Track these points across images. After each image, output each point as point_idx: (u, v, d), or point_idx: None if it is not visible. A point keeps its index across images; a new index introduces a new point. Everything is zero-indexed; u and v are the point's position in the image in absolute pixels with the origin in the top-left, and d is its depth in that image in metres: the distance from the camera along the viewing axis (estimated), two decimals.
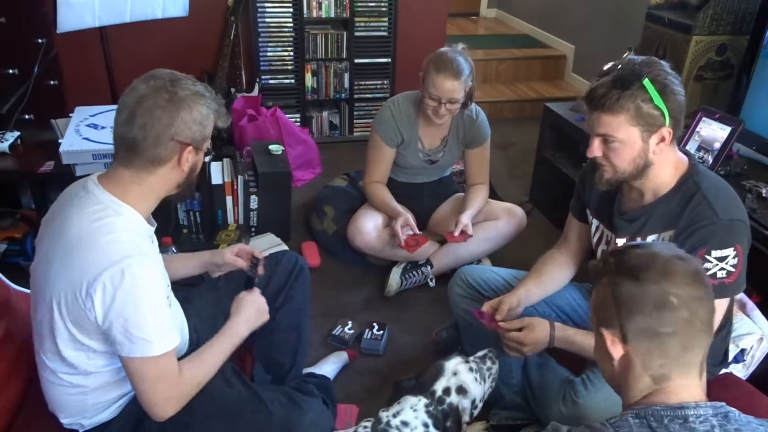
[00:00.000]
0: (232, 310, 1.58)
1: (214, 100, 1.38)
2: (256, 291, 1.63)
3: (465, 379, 1.52)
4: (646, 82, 1.39)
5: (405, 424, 1.45)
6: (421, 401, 1.48)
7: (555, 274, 1.83)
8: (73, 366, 1.35)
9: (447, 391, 1.49)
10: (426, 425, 1.45)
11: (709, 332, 1.03)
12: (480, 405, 1.57)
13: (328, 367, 2.09)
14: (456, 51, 2.33)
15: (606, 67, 1.47)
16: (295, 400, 1.55)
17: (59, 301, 1.28)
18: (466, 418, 1.50)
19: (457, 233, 2.37)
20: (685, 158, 1.55)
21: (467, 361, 1.56)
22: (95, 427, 1.44)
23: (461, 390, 1.50)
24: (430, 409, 1.47)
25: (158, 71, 1.35)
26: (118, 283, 1.23)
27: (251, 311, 1.58)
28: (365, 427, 1.48)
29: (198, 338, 1.57)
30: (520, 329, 1.62)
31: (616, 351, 1.04)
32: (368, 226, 2.52)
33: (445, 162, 2.62)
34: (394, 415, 1.46)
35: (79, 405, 1.41)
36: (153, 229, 1.42)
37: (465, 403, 1.50)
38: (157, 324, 1.29)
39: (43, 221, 1.41)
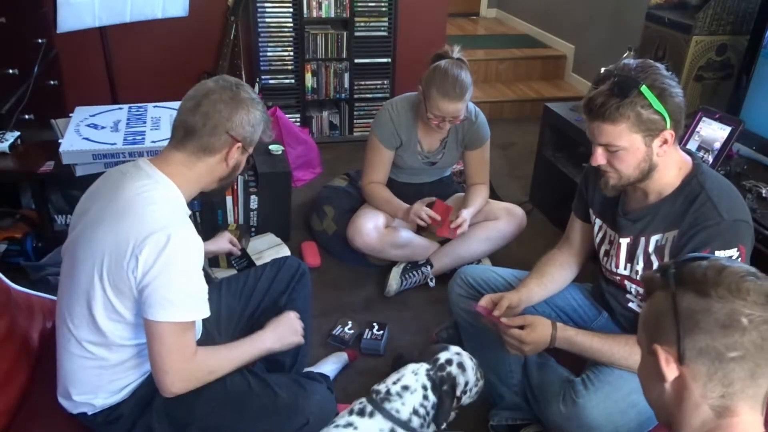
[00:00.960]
0: (267, 324, 1.66)
1: (267, 116, 1.53)
2: (295, 314, 1.72)
3: (465, 361, 1.60)
4: (644, 88, 1.39)
5: (405, 388, 1.50)
6: (422, 366, 1.55)
7: (557, 275, 1.82)
8: (101, 335, 1.39)
9: (449, 361, 1.57)
10: (425, 388, 1.51)
11: None
12: (470, 394, 1.61)
13: (328, 367, 2.09)
14: (456, 65, 2.28)
15: (601, 75, 1.46)
16: (301, 384, 1.58)
17: (102, 263, 1.34)
18: (457, 393, 1.57)
19: (453, 225, 2.35)
20: (688, 158, 1.56)
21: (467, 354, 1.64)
22: (105, 408, 1.46)
23: (461, 366, 1.58)
24: (431, 373, 1.54)
25: (226, 76, 1.50)
26: (162, 246, 1.31)
27: (284, 329, 1.66)
28: (361, 402, 1.50)
29: (206, 333, 1.61)
30: (521, 327, 1.62)
31: (671, 372, 0.91)
32: (368, 227, 2.52)
33: (444, 163, 2.61)
34: (395, 383, 1.52)
35: (96, 380, 1.44)
36: (189, 213, 1.49)
37: (461, 379, 1.57)
38: (190, 291, 1.36)
39: (83, 199, 1.50)
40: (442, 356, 1.58)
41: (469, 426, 1.88)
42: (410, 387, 1.50)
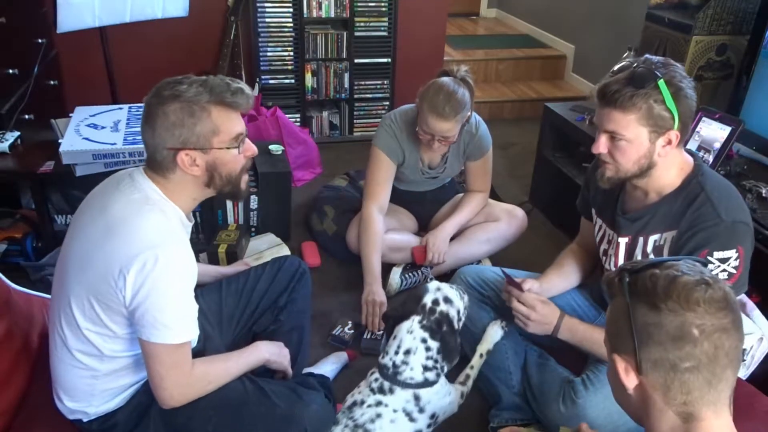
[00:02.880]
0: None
1: (205, 92, 1.34)
2: (287, 350, 1.74)
3: (448, 292, 1.66)
4: (661, 83, 1.39)
5: (408, 352, 1.59)
6: (414, 320, 1.61)
7: (577, 266, 1.87)
8: (91, 345, 1.38)
9: (436, 302, 1.63)
10: (424, 340, 1.59)
11: (736, 366, 0.92)
12: (463, 317, 1.70)
13: (328, 367, 2.09)
14: (456, 81, 2.20)
15: (621, 64, 1.47)
16: (299, 393, 1.57)
17: (91, 279, 1.32)
18: (455, 326, 1.64)
19: (427, 261, 2.45)
20: (690, 159, 1.56)
21: (451, 285, 1.71)
22: (100, 416, 1.46)
23: (447, 300, 1.64)
24: (424, 323, 1.60)
25: (162, 81, 1.38)
26: (152, 266, 1.27)
27: (277, 348, 1.70)
28: (377, 379, 1.61)
29: (205, 333, 1.61)
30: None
31: (630, 381, 0.94)
32: None
33: (446, 176, 2.60)
34: (396, 352, 1.60)
35: (88, 389, 1.43)
36: (190, 225, 1.47)
37: (452, 312, 1.64)
38: (181, 312, 1.35)
39: (82, 204, 1.46)
40: (428, 300, 1.63)
41: (470, 428, 1.88)
42: (411, 349, 1.58)
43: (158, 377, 1.36)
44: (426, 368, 1.59)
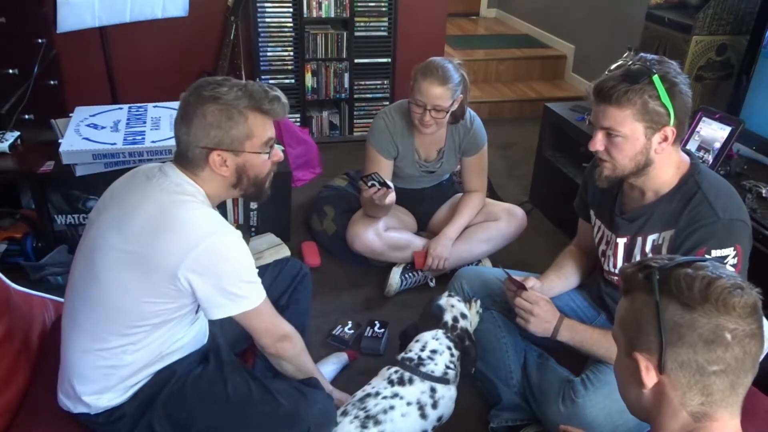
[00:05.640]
0: None
1: (244, 97, 1.40)
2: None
3: (460, 307, 1.80)
4: (656, 78, 1.41)
5: (434, 351, 1.69)
6: (439, 331, 1.73)
7: (576, 267, 1.87)
8: (128, 338, 1.41)
9: (455, 319, 1.76)
10: (449, 348, 1.71)
11: (755, 370, 0.91)
12: (473, 325, 1.84)
13: (328, 367, 2.09)
14: (447, 60, 2.30)
15: (616, 64, 1.49)
16: (303, 392, 1.58)
17: (146, 279, 1.36)
18: (472, 336, 1.81)
19: (426, 266, 2.47)
20: (687, 158, 1.56)
21: (452, 296, 1.84)
22: (107, 410, 1.47)
23: (463, 316, 1.79)
24: (449, 335, 1.73)
25: (201, 80, 1.42)
26: (213, 253, 1.36)
27: (340, 395, 1.77)
28: (397, 371, 1.67)
29: (210, 333, 1.64)
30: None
31: (650, 379, 0.91)
32: (367, 230, 2.50)
33: (442, 171, 2.60)
34: (422, 349, 1.70)
35: (104, 380, 1.45)
36: None
37: (469, 326, 1.79)
38: (250, 280, 1.44)
39: (105, 198, 1.48)
40: (448, 318, 1.76)
41: (470, 428, 1.88)
42: (438, 350, 1.69)
43: (257, 334, 1.52)
44: (448, 367, 1.68)
